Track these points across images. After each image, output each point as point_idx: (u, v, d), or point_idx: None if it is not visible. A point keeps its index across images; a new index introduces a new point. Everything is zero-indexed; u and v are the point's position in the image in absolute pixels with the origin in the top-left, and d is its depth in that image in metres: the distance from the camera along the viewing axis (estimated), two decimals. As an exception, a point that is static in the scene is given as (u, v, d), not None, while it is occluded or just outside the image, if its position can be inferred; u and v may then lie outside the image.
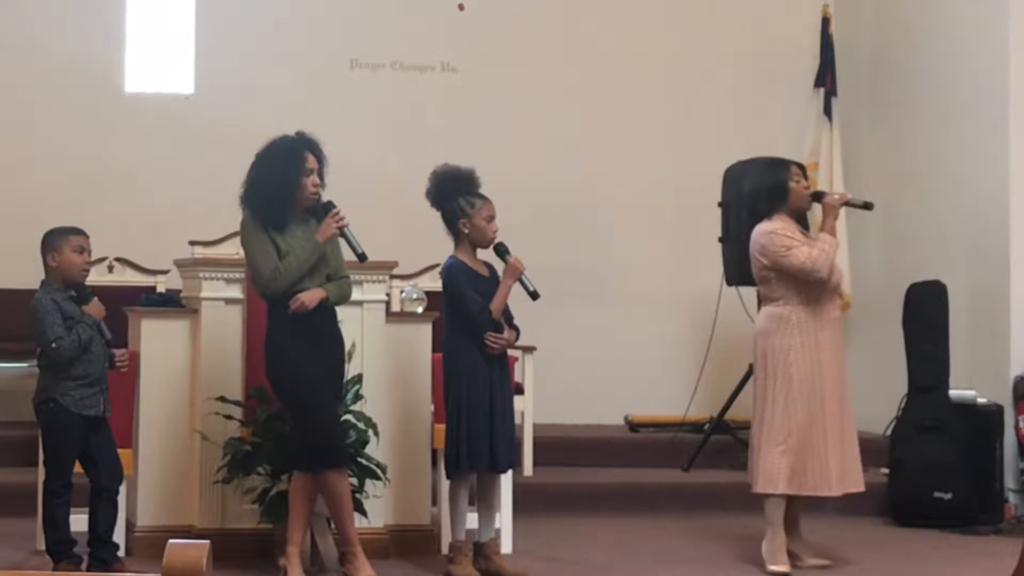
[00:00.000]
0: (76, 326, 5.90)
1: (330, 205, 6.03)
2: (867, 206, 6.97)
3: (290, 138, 6.04)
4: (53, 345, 5.86)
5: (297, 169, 5.97)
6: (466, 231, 6.39)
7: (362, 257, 6.07)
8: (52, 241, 6.03)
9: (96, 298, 6.06)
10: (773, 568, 6.57)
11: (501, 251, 6.47)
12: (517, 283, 6.40)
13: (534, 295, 6.39)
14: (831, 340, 6.59)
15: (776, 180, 6.72)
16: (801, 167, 6.96)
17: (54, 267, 6.00)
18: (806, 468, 6.50)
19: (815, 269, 6.51)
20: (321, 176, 6.06)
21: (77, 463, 6.04)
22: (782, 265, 6.56)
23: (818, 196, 6.86)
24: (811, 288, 6.56)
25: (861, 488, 6.67)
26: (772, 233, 6.59)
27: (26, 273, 8.43)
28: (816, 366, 6.52)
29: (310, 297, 5.93)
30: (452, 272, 6.39)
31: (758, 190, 6.84)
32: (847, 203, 6.85)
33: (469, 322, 6.33)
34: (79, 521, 6.04)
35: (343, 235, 6.03)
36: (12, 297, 8.67)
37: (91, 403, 5.96)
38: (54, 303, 5.91)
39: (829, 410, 6.52)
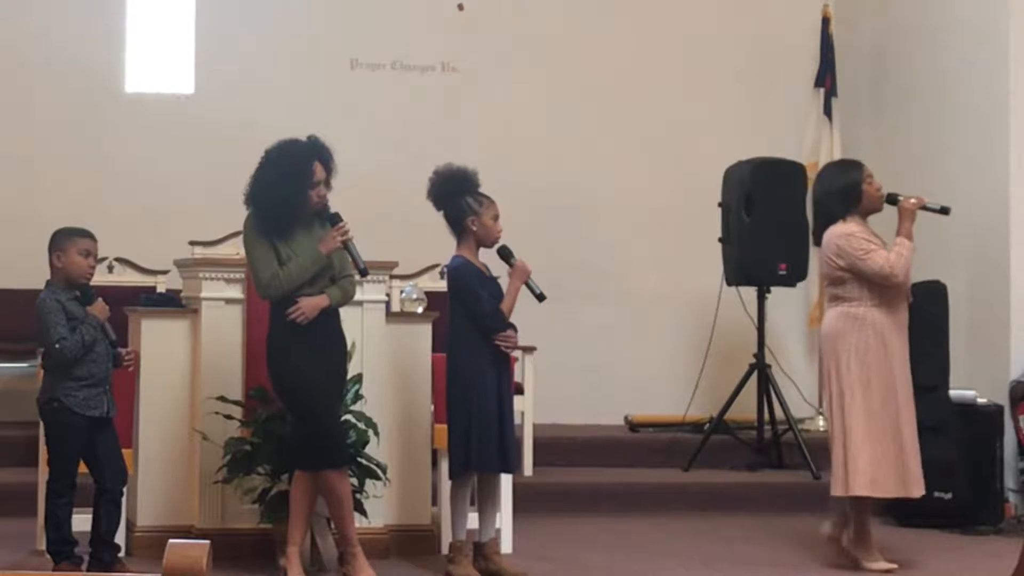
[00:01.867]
0: (80, 327, 5.90)
1: (336, 218, 6.02)
2: (944, 211, 6.89)
3: (301, 144, 6.00)
4: (56, 346, 5.86)
5: (304, 181, 5.95)
6: (474, 228, 6.38)
7: (363, 272, 6.05)
8: (59, 241, 6.02)
9: (100, 299, 6.05)
10: (873, 566, 6.58)
11: (505, 255, 6.47)
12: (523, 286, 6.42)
13: (540, 297, 6.40)
14: (902, 343, 6.63)
15: (850, 181, 6.72)
16: (861, 165, 6.89)
17: (58, 267, 5.99)
18: (892, 470, 6.55)
19: (893, 274, 6.54)
20: (328, 184, 6.04)
21: (81, 463, 6.03)
22: (859, 268, 6.57)
23: (892, 199, 6.79)
24: (885, 290, 6.59)
25: (922, 492, 6.69)
26: (850, 236, 6.60)
27: (26, 273, 8.44)
28: (890, 368, 6.57)
29: (311, 306, 5.92)
30: (463, 273, 6.37)
31: (831, 192, 6.77)
32: (924, 207, 6.79)
33: (481, 323, 6.32)
34: (81, 521, 6.04)
35: (346, 248, 6.01)
36: (12, 297, 8.69)
37: (95, 404, 5.96)
38: (58, 304, 5.91)
39: (904, 413, 6.58)
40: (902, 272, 6.57)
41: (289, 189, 5.93)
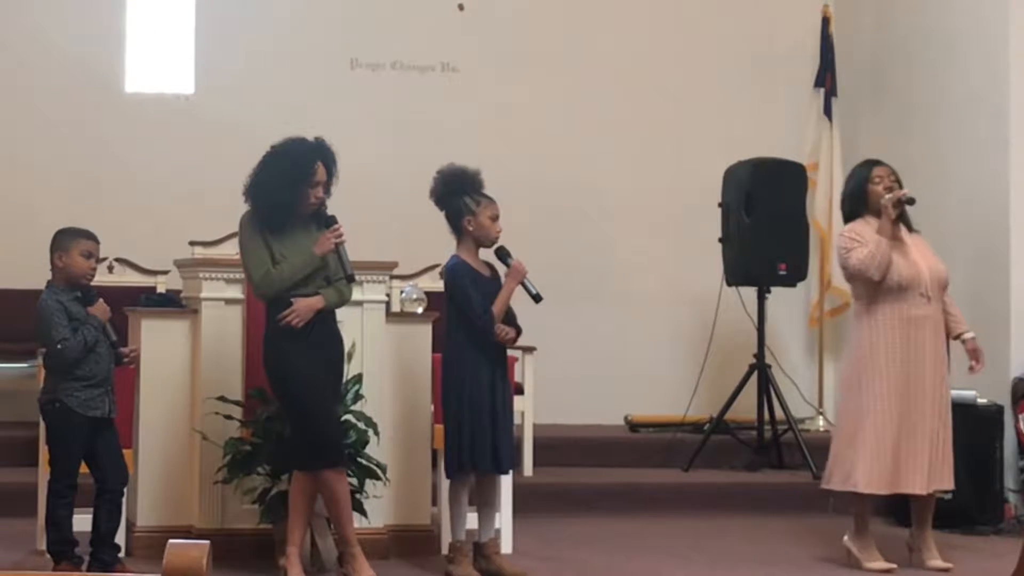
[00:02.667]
0: (81, 327, 5.89)
1: (332, 220, 6.02)
2: (909, 201, 6.84)
3: (306, 144, 6.00)
4: (58, 346, 5.86)
5: (304, 180, 5.95)
6: (470, 228, 6.39)
7: (350, 278, 6.04)
8: (62, 241, 6.01)
9: (101, 299, 6.05)
10: (869, 566, 6.59)
11: (502, 255, 6.46)
12: (519, 286, 6.41)
13: (537, 298, 6.40)
14: (911, 340, 6.60)
15: (856, 183, 6.82)
16: (874, 165, 6.89)
17: (60, 267, 5.99)
18: (878, 467, 6.56)
19: (865, 270, 6.60)
20: (328, 188, 6.04)
21: (83, 464, 6.03)
22: (844, 266, 6.73)
23: None
24: (881, 287, 6.62)
25: (921, 490, 6.67)
26: (841, 235, 6.79)
27: (26, 273, 8.43)
28: (890, 364, 6.58)
29: (305, 307, 5.91)
30: (455, 272, 6.38)
31: (843, 194, 6.94)
32: (897, 200, 6.74)
33: (471, 323, 6.33)
34: (81, 521, 6.04)
35: (337, 252, 6.00)
36: (12, 297, 8.68)
37: (96, 404, 5.95)
38: (60, 304, 5.91)
39: (906, 410, 6.57)
40: (871, 269, 6.58)
41: (288, 187, 5.94)
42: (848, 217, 6.85)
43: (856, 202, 6.79)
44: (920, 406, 6.61)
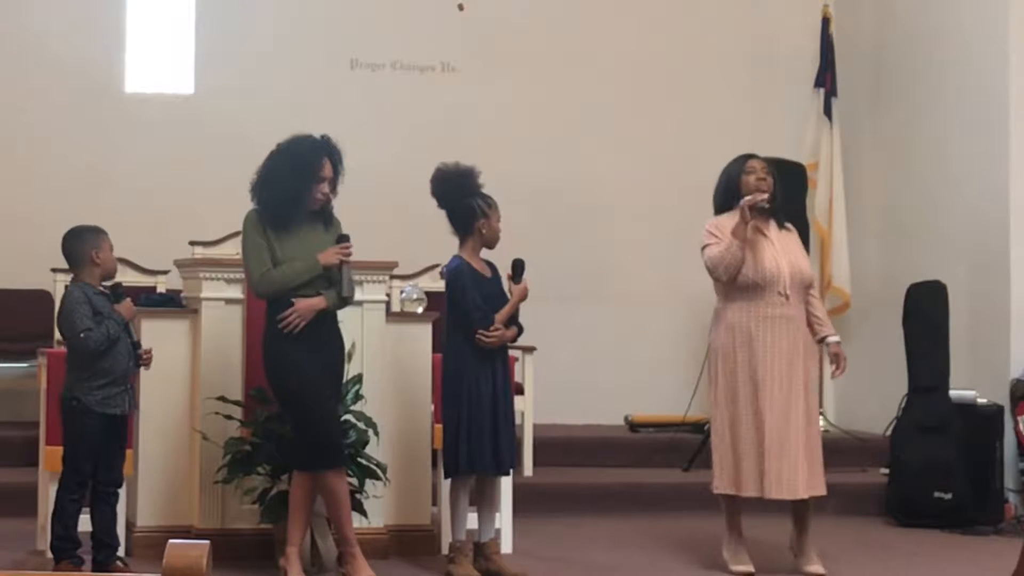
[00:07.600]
0: (105, 320, 5.92)
1: (345, 238, 6.03)
2: (767, 204, 6.60)
3: (313, 141, 6.01)
4: (81, 335, 5.87)
5: (311, 175, 5.95)
6: (484, 232, 6.39)
7: (346, 300, 6.04)
8: (94, 239, 6.06)
9: (129, 299, 6.09)
10: (733, 569, 6.53)
11: (518, 270, 6.46)
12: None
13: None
14: (780, 340, 6.42)
15: (729, 175, 6.64)
16: (748, 158, 6.70)
17: (97, 263, 6.04)
18: (742, 468, 6.45)
19: (713, 269, 6.53)
20: (334, 185, 6.05)
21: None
22: (704, 261, 6.56)
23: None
24: (739, 285, 6.48)
25: (756, 494, 6.48)
26: (706, 228, 6.59)
27: (26, 273, 8.45)
28: (740, 366, 6.44)
29: (307, 307, 5.91)
30: (458, 274, 6.38)
31: (716, 187, 6.71)
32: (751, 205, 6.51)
33: (466, 320, 6.33)
34: (82, 522, 6.03)
35: (341, 268, 6.00)
36: (12, 297, 8.68)
37: (115, 402, 5.96)
38: (86, 296, 5.95)
39: (746, 411, 6.40)
40: (720, 269, 6.47)
41: (295, 181, 5.94)
42: (719, 210, 6.65)
43: (729, 195, 6.57)
44: (767, 408, 6.34)
